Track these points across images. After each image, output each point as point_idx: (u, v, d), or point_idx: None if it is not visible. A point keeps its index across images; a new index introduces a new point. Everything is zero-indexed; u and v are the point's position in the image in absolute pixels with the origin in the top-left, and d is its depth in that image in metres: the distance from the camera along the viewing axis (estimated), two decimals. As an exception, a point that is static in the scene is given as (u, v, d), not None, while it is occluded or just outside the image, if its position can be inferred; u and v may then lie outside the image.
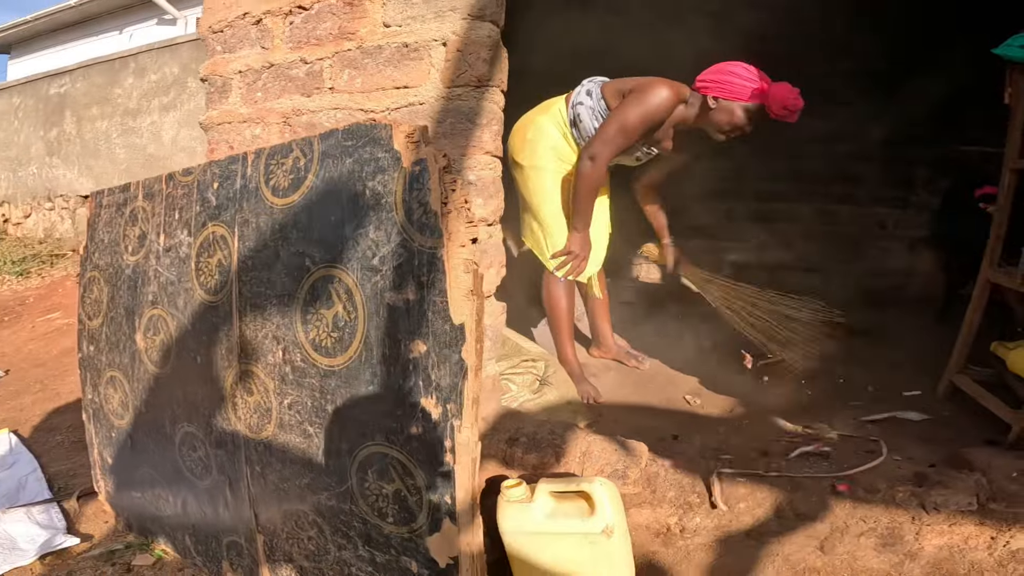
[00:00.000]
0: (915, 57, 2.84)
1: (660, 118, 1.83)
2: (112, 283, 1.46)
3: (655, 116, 1.81)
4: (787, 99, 1.72)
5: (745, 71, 1.77)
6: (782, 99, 1.72)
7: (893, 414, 1.73)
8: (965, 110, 2.76)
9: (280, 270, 1.05)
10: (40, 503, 1.59)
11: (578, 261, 1.93)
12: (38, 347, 3.34)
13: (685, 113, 1.87)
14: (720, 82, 1.78)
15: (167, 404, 1.30)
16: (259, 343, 1.09)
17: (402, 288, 0.87)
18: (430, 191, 0.84)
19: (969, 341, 1.70)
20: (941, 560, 1.18)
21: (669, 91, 1.80)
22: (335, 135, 1.01)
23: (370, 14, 1.34)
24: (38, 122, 6.25)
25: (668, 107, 1.82)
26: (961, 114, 2.87)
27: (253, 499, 1.15)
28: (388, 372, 0.90)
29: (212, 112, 1.52)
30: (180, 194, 1.30)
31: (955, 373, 1.73)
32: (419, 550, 0.93)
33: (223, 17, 1.52)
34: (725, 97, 1.77)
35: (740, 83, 1.76)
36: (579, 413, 1.82)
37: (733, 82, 1.76)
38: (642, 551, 1.26)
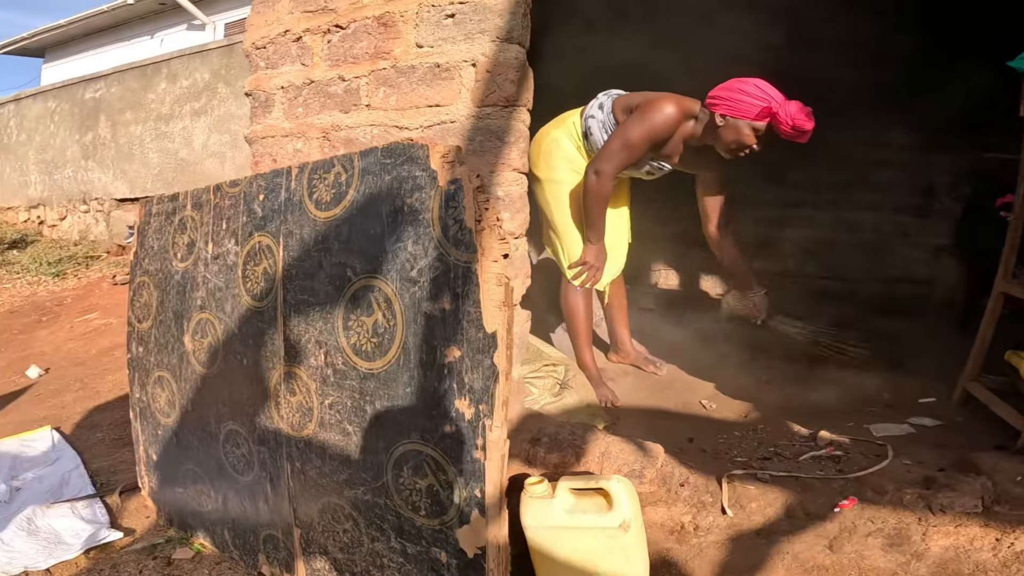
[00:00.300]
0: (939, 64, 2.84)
1: (664, 135, 1.84)
2: (162, 288, 1.56)
3: (658, 133, 1.83)
4: (796, 119, 1.68)
5: (755, 88, 1.75)
6: (791, 119, 1.69)
7: (908, 422, 1.76)
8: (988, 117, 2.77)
9: (323, 279, 1.13)
10: (83, 498, 1.66)
11: (593, 271, 2.00)
12: (77, 346, 3.47)
13: (694, 129, 1.87)
14: (728, 99, 1.77)
15: (213, 403, 1.39)
16: (302, 347, 1.17)
17: (438, 298, 0.95)
18: (465, 209, 0.91)
19: (983, 350, 1.73)
20: (947, 560, 1.21)
21: (674, 108, 1.81)
22: (374, 153, 1.09)
23: (403, 35, 1.43)
24: (73, 126, 6.46)
25: (672, 124, 1.83)
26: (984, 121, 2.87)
27: (292, 494, 1.23)
28: (424, 375, 0.98)
29: (256, 126, 1.62)
30: (227, 205, 1.40)
31: (969, 381, 1.76)
32: (449, 541, 1.00)
33: (265, 34, 1.61)
34: (732, 115, 1.76)
35: (748, 101, 1.74)
36: (597, 416, 1.88)
37: (741, 100, 1.74)
38: (657, 548, 1.31)
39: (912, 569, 1.20)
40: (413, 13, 1.41)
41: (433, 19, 1.39)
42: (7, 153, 7.20)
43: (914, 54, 2.77)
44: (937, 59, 2.82)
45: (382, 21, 1.45)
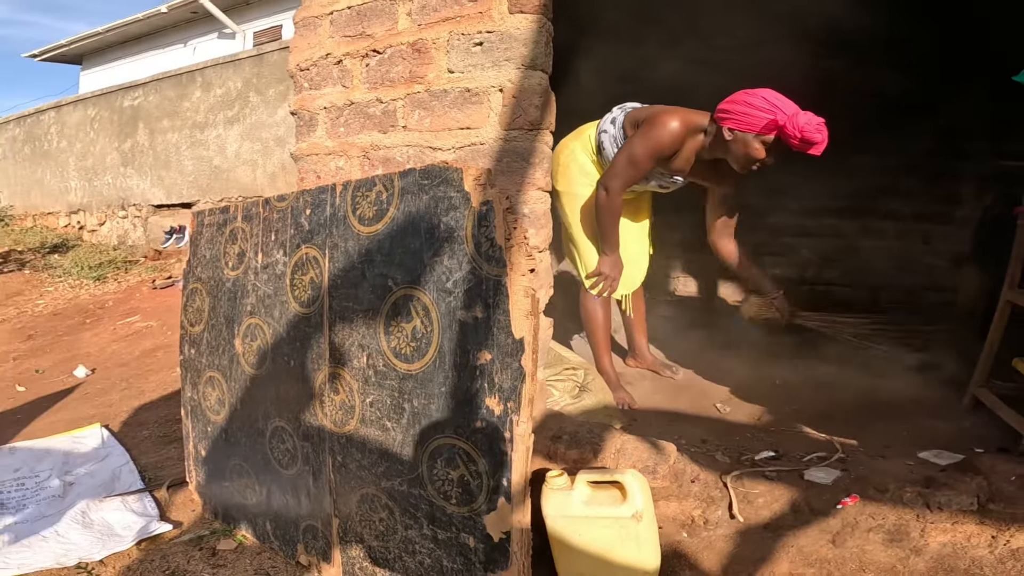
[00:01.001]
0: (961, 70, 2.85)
1: (669, 150, 1.84)
2: (213, 294, 1.69)
3: (662, 149, 1.82)
4: (805, 131, 1.63)
5: (762, 101, 1.70)
6: (800, 131, 1.64)
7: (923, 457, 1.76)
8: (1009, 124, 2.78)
9: (366, 288, 1.25)
10: (134, 492, 1.73)
11: (609, 281, 2.07)
12: (120, 348, 3.63)
13: (704, 143, 1.85)
14: (735, 113, 1.73)
15: (261, 402, 1.51)
16: (346, 350, 1.29)
17: (471, 308, 1.06)
18: (496, 228, 1.03)
19: (991, 357, 1.78)
20: (944, 556, 1.27)
21: (678, 123, 1.80)
22: (413, 174, 1.21)
23: (436, 61, 1.54)
24: (112, 133, 6.73)
25: (676, 139, 1.82)
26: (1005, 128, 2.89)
27: (333, 486, 1.34)
28: (458, 376, 1.09)
29: (302, 144, 1.75)
30: (276, 218, 1.52)
31: (978, 387, 1.81)
32: (477, 527, 1.11)
33: (308, 57, 1.74)
34: (740, 128, 1.73)
35: (755, 114, 1.70)
36: (614, 417, 1.98)
37: (748, 112, 1.71)
38: (669, 540, 1.39)
39: (911, 564, 1.26)
40: (444, 41, 1.53)
41: (463, 47, 1.51)
42: (48, 159, 7.52)
43: (936, 60, 2.79)
44: (959, 65, 2.84)
45: (416, 47, 1.57)
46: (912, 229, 3.32)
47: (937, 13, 2.61)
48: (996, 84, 1.82)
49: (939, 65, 2.75)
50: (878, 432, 1.77)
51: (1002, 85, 1.70)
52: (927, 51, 2.75)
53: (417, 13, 1.57)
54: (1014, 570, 1.21)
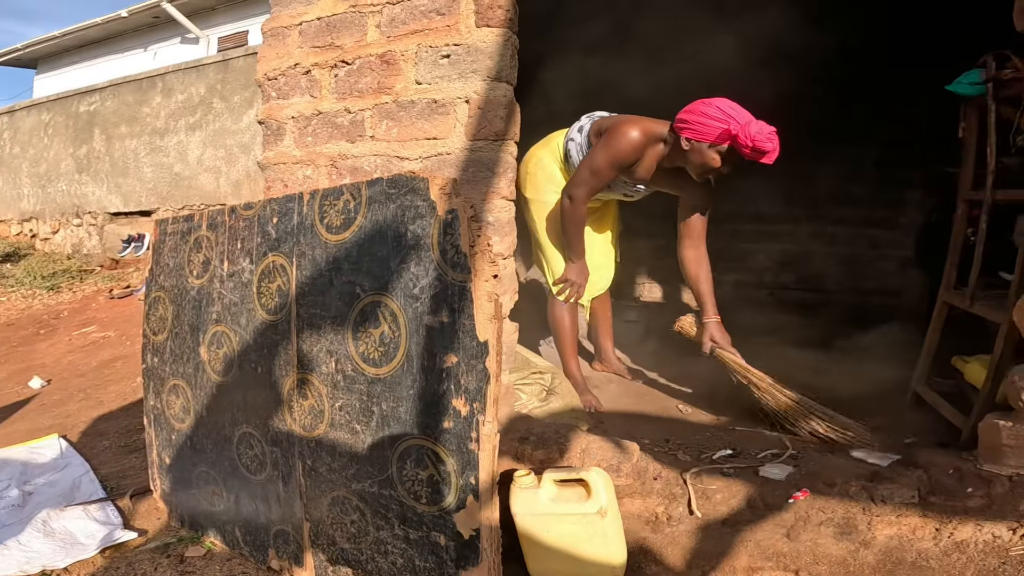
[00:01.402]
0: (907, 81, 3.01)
1: (629, 159, 1.87)
2: (177, 303, 1.68)
3: (622, 158, 1.85)
4: (757, 140, 1.66)
5: (716, 110, 1.72)
6: (751, 140, 1.66)
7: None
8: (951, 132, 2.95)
9: (334, 295, 1.27)
10: (95, 501, 1.72)
11: (575, 288, 2.10)
12: (77, 359, 3.54)
13: (664, 152, 1.88)
14: (691, 122, 1.76)
15: (228, 408, 1.51)
16: (314, 355, 1.31)
17: (438, 313, 1.10)
18: (461, 236, 1.06)
19: (931, 355, 1.90)
20: (892, 549, 1.34)
21: (637, 133, 1.82)
22: (380, 183, 1.24)
23: (404, 72, 1.58)
24: (68, 139, 6.53)
25: (636, 149, 1.84)
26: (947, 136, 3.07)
27: (303, 490, 1.35)
28: (426, 379, 1.12)
29: (268, 153, 1.75)
30: (242, 226, 1.53)
31: (919, 384, 1.92)
32: (447, 525, 1.14)
33: (276, 66, 1.75)
34: (696, 138, 1.76)
35: (709, 123, 1.72)
36: (581, 419, 2.02)
37: (702, 122, 1.73)
38: (634, 536, 1.43)
39: (861, 557, 1.33)
40: (412, 53, 1.56)
41: (430, 59, 1.55)
42: (0, 166, 7.25)
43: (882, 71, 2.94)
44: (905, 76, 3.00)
45: (384, 59, 1.60)
46: (861, 234, 3.48)
47: (884, 26, 2.76)
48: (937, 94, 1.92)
49: (886, 76, 2.90)
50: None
51: (943, 95, 1.80)
52: (876, 63, 2.90)
53: (386, 25, 1.60)
54: (959, 562, 1.28)
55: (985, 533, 1.33)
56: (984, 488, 1.37)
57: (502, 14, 1.49)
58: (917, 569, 1.30)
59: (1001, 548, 1.31)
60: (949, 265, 1.83)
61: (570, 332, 2.20)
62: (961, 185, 1.84)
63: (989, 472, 1.38)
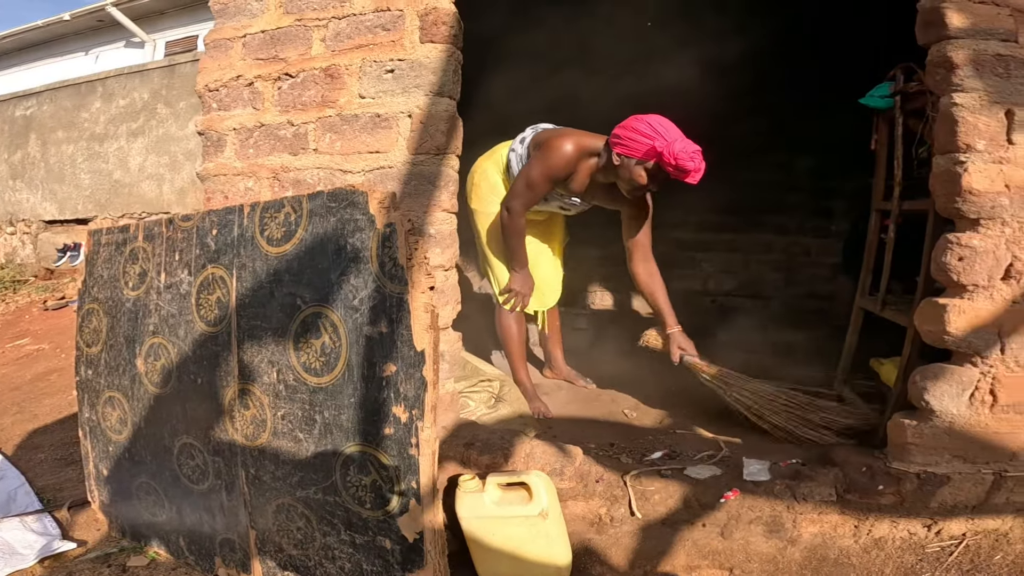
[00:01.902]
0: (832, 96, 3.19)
1: (562, 173, 1.88)
2: (112, 315, 1.64)
3: (555, 172, 1.87)
4: (680, 159, 1.66)
5: (646, 127, 1.72)
6: (675, 159, 1.66)
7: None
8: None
9: (275, 307, 1.28)
10: (32, 513, 1.69)
11: (520, 297, 2.14)
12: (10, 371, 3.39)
13: (598, 166, 1.88)
14: (623, 138, 1.76)
15: (167, 419, 1.49)
16: (256, 366, 1.31)
17: (377, 323, 1.13)
18: (398, 249, 1.10)
19: (850, 358, 2.03)
20: (816, 546, 1.42)
21: (571, 147, 1.84)
22: (321, 196, 1.26)
23: (348, 86, 1.60)
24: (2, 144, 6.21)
25: (568, 163, 1.85)
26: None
27: (247, 499, 1.36)
28: (366, 387, 1.15)
29: (208, 164, 1.74)
30: (180, 237, 1.52)
31: (840, 385, 2.05)
32: (392, 529, 1.16)
33: (218, 78, 1.74)
34: (625, 153, 1.76)
35: (638, 139, 1.72)
36: (529, 425, 2.07)
37: (632, 138, 1.74)
38: (579, 538, 1.48)
39: (788, 554, 1.41)
40: (357, 67, 1.59)
41: (375, 73, 1.58)
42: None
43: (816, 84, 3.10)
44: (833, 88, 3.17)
45: (329, 72, 1.62)
46: (796, 242, 3.67)
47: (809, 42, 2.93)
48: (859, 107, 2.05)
49: (817, 89, 3.06)
50: (756, 429, 1.95)
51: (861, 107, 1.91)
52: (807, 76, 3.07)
53: (331, 39, 1.62)
54: (878, 559, 1.38)
55: (901, 530, 1.43)
56: (895, 486, 1.46)
57: (446, 30, 1.53)
58: (840, 566, 1.38)
59: (917, 545, 1.41)
60: (864, 271, 1.97)
61: (518, 340, 2.24)
62: (874, 195, 1.97)
63: (898, 470, 1.47)
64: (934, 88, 1.42)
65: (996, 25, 1.34)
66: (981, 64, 1.33)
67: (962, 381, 1.40)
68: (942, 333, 1.39)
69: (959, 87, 1.34)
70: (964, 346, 1.38)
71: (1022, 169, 1.33)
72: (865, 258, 1.97)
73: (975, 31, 1.34)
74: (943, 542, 1.41)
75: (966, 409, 1.40)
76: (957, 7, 1.34)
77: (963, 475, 1.42)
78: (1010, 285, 1.35)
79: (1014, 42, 1.34)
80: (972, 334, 1.37)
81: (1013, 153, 1.33)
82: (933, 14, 1.38)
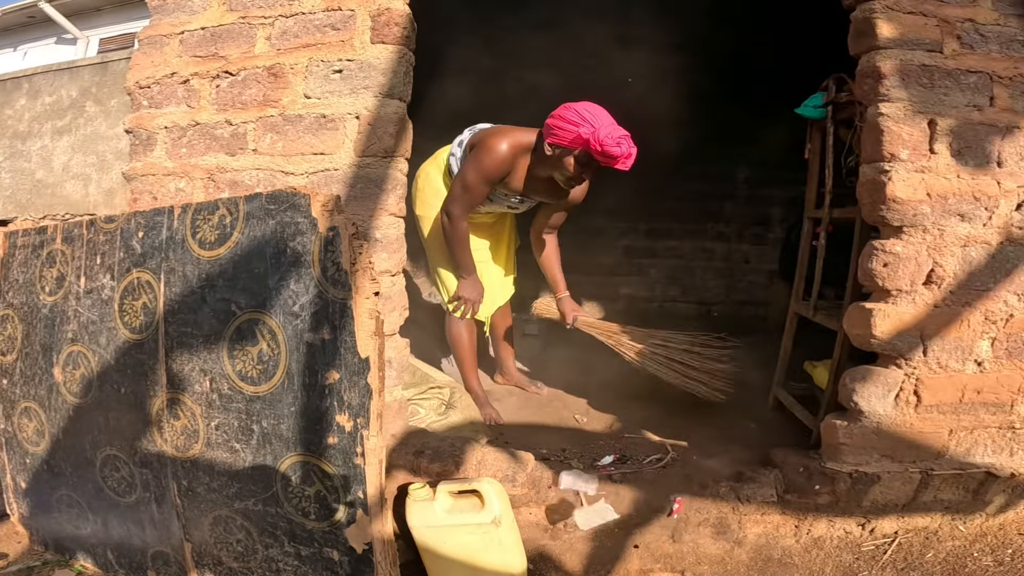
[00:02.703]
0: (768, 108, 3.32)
1: (498, 173, 1.82)
2: (27, 321, 1.53)
3: (492, 172, 1.80)
4: (605, 144, 1.58)
5: (574, 114, 1.66)
6: (601, 144, 1.59)
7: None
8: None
9: (207, 313, 1.21)
10: None
11: (470, 304, 2.09)
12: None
13: (535, 159, 1.83)
14: (554, 128, 1.70)
15: (88, 431, 1.40)
16: (186, 375, 1.24)
17: (319, 330, 1.08)
18: (342, 253, 1.06)
19: (786, 361, 2.11)
20: (760, 546, 1.47)
21: (505, 146, 1.77)
22: (259, 198, 1.21)
23: (292, 85, 1.54)
24: (-92, 140, 5.68)
25: (503, 162, 1.79)
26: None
27: (180, 511, 1.28)
28: (308, 396, 1.10)
29: (136, 163, 1.63)
30: (103, 240, 1.42)
31: (777, 388, 2.13)
32: (339, 540, 1.12)
33: (151, 74, 1.65)
34: (556, 143, 1.70)
35: (567, 127, 1.66)
36: (481, 432, 2.05)
37: (560, 126, 1.68)
38: (534, 544, 1.48)
39: (735, 555, 1.45)
40: (303, 66, 1.53)
41: (322, 73, 1.53)
42: None
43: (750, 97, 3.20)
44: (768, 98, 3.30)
45: (272, 71, 1.56)
46: (736, 250, 3.80)
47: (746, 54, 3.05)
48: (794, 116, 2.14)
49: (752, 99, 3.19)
50: (701, 432, 1.99)
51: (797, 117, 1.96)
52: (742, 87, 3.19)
53: (277, 38, 1.56)
54: (818, 558, 1.43)
55: (838, 529, 1.49)
56: (830, 485, 1.52)
57: (399, 31, 1.50)
58: (784, 566, 1.43)
59: (853, 543, 1.47)
60: (797, 278, 2.05)
61: (468, 348, 2.21)
62: (807, 203, 2.06)
63: (832, 469, 1.52)
64: (862, 98, 1.49)
65: (923, 35, 1.40)
66: (907, 74, 1.39)
67: (888, 382, 1.47)
68: (869, 336, 1.46)
69: (885, 97, 1.40)
70: (889, 349, 1.46)
71: (943, 178, 1.41)
72: (798, 265, 2.05)
73: (903, 41, 1.40)
74: (877, 540, 1.47)
75: (892, 409, 1.47)
76: (887, 17, 1.39)
77: (892, 474, 1.49)
78: (931, 290, 1.43)
79: (939, 52, 1.41)
80: (896, 337, 1.44)
81: (935, 162, 1.41)
82: (864, 24, 1.43)
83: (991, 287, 1.43)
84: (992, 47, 1.44)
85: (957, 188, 1.41)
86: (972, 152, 1.41)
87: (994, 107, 1.43)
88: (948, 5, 1.43)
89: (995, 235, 1.43)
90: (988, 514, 1.52)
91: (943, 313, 1.43)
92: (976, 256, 1.43)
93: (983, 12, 1.44)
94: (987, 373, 1.46)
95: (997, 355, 1.45)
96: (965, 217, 1.42)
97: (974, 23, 1.43)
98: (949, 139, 1.41)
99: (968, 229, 1.42)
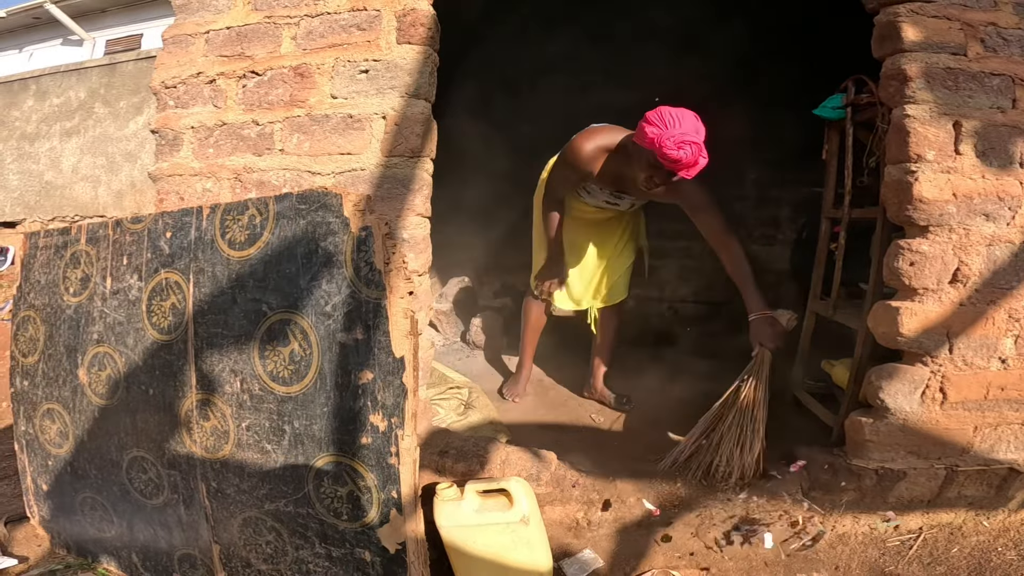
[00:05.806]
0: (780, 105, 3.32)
1: (577, 168, 1.87)
2: (50, 322, 1.52)
3: (569, 171, 1.89)
4: (666, 146, 1.56)
5: (657, 115, 1.63)
6: (661, 146, 1.57)
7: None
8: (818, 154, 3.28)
9: (237, 314, 1.21)
10: None
11: (546, 285, 2.22)
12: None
13: (622, 157, 1.81)
14: (638, 126, 1.69)
15: (114, 432, 1.40)
16: (216, 375, 1.24)
17: (352, 330, 1.09)
18: (375, 253, 1.06)
19: (804, 360, 2.11)
20: (785, 542, 1.44)
21: (586, 145, 1.82)
22: (289, 198, 1.21)
23: (319, 86, 1.55)
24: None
25: (584, 161, 1.83)
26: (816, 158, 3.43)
27: (209, 513, 1.28)
28: (341, 396, 1.10)
29: (163, 164, 1.64)
30: (129, 240, 1.42)
31: (795, 387, 2.13)
32: (371, 541, 1.12)
33: (177, 74, 1.65)
34: (637, 143, 1.70)
35: (645, 128, 1.65)
36: (500, 431, 2.06)
37: (642, 126, 1.67)
38: (558, 542, 1.48)
39: (760, 552, 1.43)
40: (329, 67, 1.54)
41: (348, 73, 1.53)
42: None
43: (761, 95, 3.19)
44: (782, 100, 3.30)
45: (299, 71, 1.56)
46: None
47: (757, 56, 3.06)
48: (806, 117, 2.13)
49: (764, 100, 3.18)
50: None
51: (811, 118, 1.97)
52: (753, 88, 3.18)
53: (303, 38, 1.57)
54: (844, 554, 1.43)
55: (863, 525, 1.49)
56: (855, 482, 1.52)
57: (424, 32, 1.51)
58: (808, 562, 1.42)
59: (879, 539, 1.47)
60: (815, 278, 2.05)
61: (532, 324, 2.34)
62: (824, 204, 2.06)
63: (857, 466, 1.53)
64: (886, 100, 1.50)
65: (948, 39, 1.42)
66: (932, 77, 1.41)
67: (914, 380, 1.47)
68: (895, 335, 1.47)
69: (911, 99, 1.41)
70: (915, 346, 1.46)
71: (968, 179, 1.41)
72: (816, 264, 2.06)
73: (927, 44, 1.41)
74: (902, 536, 1.47)
75: (918, 406, 1.48)
76: (912, 21, 1.40)
77: (918, 470, 1.49)
78: (957, 288, 1.44)
79: (963, 55, 1.42)
80: (922, 335, 1.45)
81: (960, 163, 1.41)
82: (889, 28, 1.45)
83: (1015, 285, 1.44)
84: (1014, 50, 1.45)
85: (982, 188, 1.42)
86: (996, 153, 1.42)
87: (1017, 109, 1.44)
88: (971, 9, 1.44)
89: (1018, 234, 1.43)
90: (1010, 509, 1.52)
91: (968, 311, 1.44)
92: (1000, 255, 1.43)
93: (1005, 16, 1.46)
94: (1011, 370, 1.46)
95: (1021, 352, 1.46)
96: (990, 217, 1.42)
97: (996, 27, 1.45)
98: (974, 140, 1.41)
99: (993, 228, 1.43)
